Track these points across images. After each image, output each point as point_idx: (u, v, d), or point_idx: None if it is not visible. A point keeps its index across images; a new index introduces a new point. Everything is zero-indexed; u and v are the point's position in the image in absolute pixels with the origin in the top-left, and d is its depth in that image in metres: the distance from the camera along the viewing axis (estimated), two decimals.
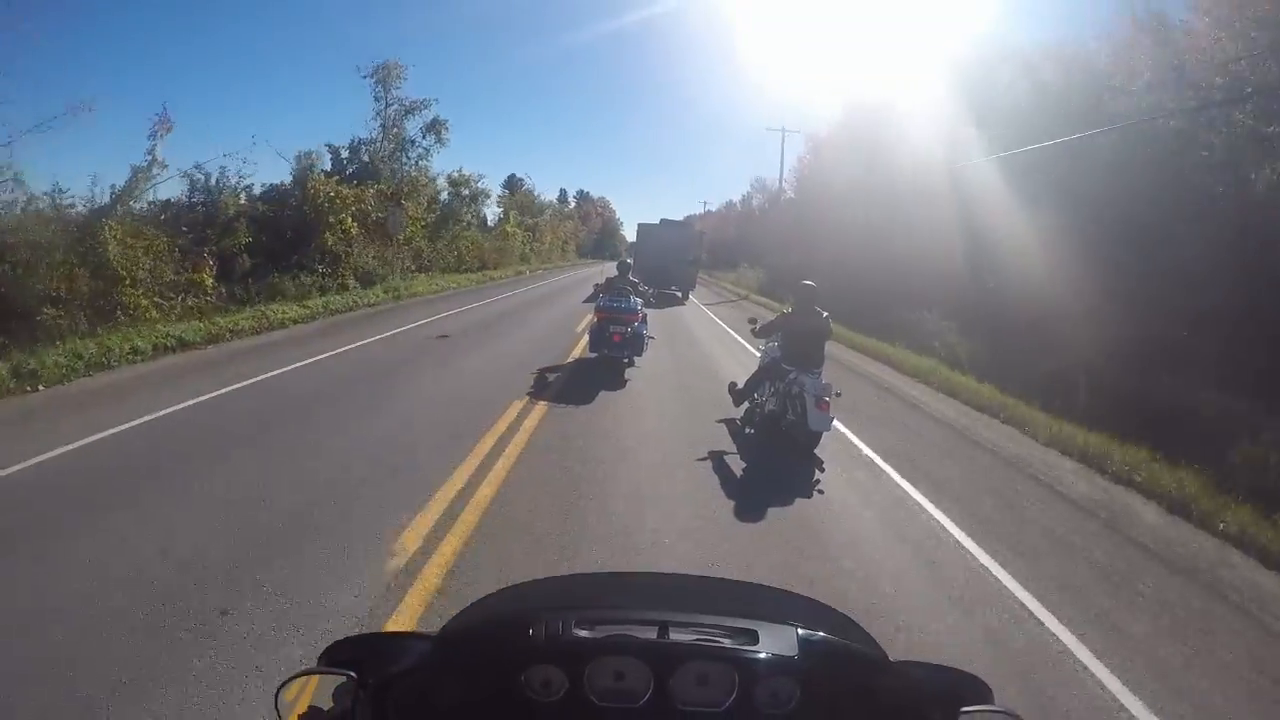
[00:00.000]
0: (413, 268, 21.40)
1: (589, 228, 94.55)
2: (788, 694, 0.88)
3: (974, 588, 3.89)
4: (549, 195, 68.37)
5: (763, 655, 0.88)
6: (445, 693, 0.93)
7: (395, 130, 22.82)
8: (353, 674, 0.90)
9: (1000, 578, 4.00)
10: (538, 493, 4.70)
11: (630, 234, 58.47)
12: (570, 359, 9.77)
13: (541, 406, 6.99)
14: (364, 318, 13.43)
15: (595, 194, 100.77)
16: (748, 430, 6.64)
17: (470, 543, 3.87)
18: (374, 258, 18.14)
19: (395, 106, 22.73)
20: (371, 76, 22.38)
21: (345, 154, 21.77)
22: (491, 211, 54.92)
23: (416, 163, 23.55)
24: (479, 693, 0.91)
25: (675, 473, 5.38)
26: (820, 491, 5.19)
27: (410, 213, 23.34)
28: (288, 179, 17.30)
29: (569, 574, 2.14)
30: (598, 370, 8.72)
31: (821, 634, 0.95)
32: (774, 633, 0.91)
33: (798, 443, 5.86)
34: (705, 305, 22.27)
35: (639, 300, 9.07)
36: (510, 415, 6.56)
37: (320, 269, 16.03)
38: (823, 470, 5.64)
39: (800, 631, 0.92)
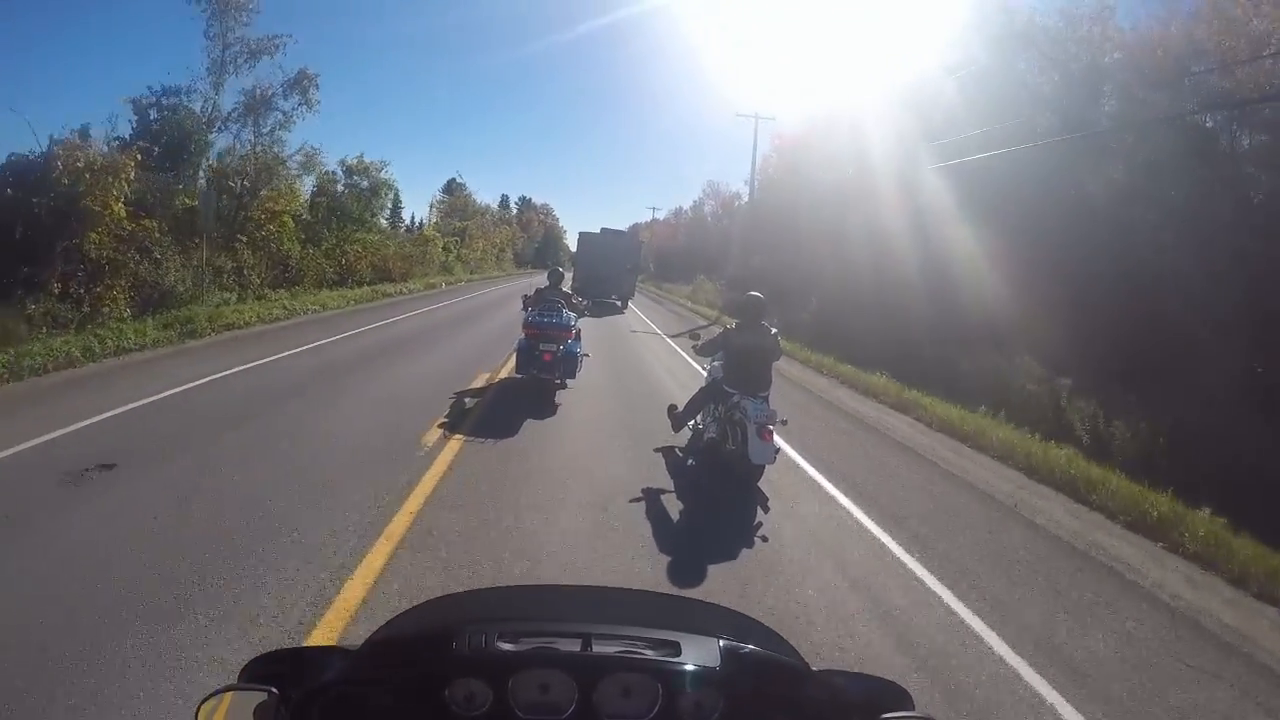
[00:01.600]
0: (263, 282, 15.56)
1: (529, 235, 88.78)
2: (711, 705, 0.89)
3: None
4: (488, 200, 62.40)
5: (686, 666, 0.89)
6: (368, 707, 0.93)
7: (262, 93, 16.87)
8: (274, 689, 0.88)
9: None
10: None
11: (574, 243, 56.15)
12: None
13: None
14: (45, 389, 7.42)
15: (538, 201, 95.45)
16: (689, 461, 6.02)
17: None
18: (181, 269, 12.32)
19: (237, 48, 16.46)
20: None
21: (155, 115, 15.24)
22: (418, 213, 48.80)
23: (272, 133, 17.57)
24: (403, 707, 0.91)
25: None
26: (763, 538, 4.49)
27: (276, 205, 17.60)
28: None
29: (492, 587, 2.24)
30: (523, 394, 7.72)
31: (744, 645, 0.96)
32: (696, 644, 0.92)
33: (737, 474, 5.33)
34: (663, 333, 17.30)
35: (572, 315, 8.08)
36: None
37: (69, 289, 10.33)
38: (766, 510, 5.01)
39: (722, 643, 0.93)
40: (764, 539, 4.47)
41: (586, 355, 8.41)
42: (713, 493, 5.27)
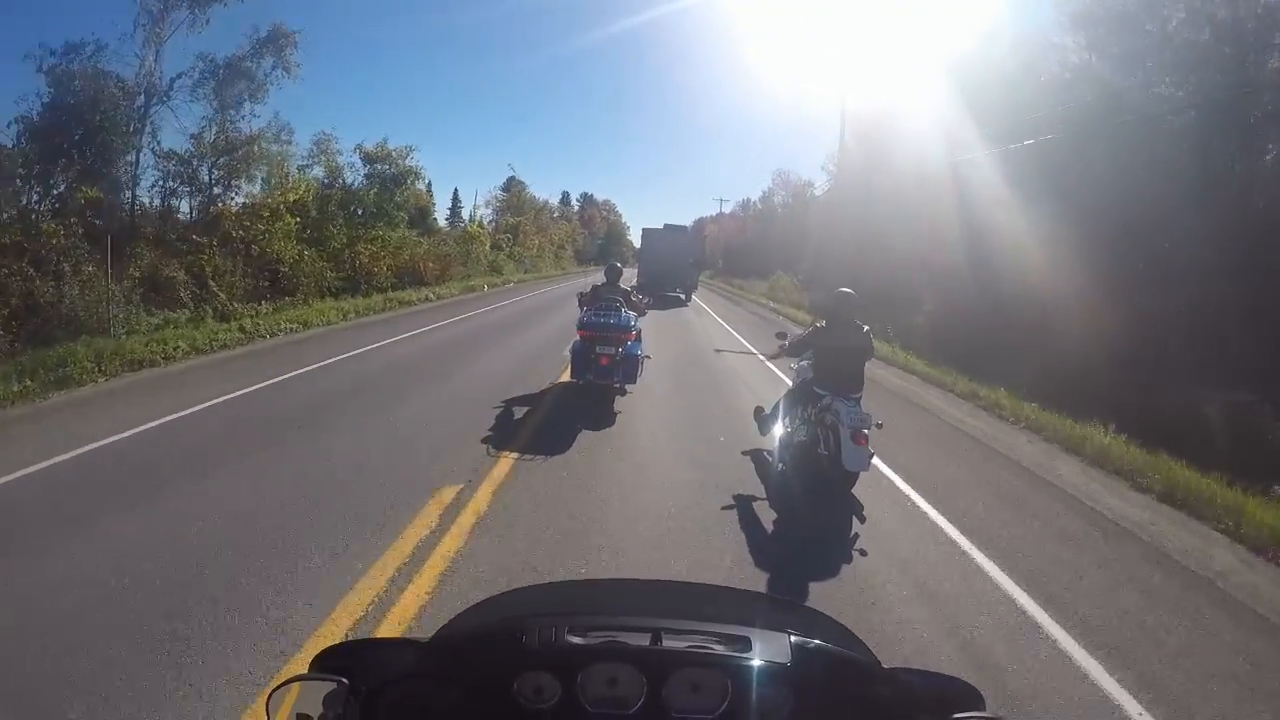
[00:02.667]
0: (234, 296, 12.67)
1: (592, 232, 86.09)
2: (781, 701, 0.89)
3: None
4: (547, 197, 59.74)
5: (756, 662, 0.88)
6: (437, 699, 0.93)
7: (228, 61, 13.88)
8: (344, 680, 0.88)
9: None
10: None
11: (637, 239, 55.32)
12: None
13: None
14: None
15: (600, 197, 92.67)
16: (779, 466, 5.57)
17: None
18: (83, 284, 9.29)
19: None
20: None
21: (80, 85, 11.35)
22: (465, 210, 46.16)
23: (241, 106, 14.42)
24: (471, 699, 0.91)
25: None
26: (862, 552, 4.07)
27: (270, 201, 14.82)
28: None
29: (561, 580, 2.18)
30: (580, 400, 7.08)
31: (815, 641, 0.95)
32: (767, 640, 0.92)
33: (831, 481, 4.99)
34: (758, 353, 12.93)
35: (631, 314, 7.39)
36: None
37: None
38: (863, 520, 4.64)
39: (793, 639, 0.92)
40: (862, 552, 4.08)
41: (648, 357, 7.78)
42: (805, 500, 4.94)
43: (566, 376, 8.02)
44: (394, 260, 20.38)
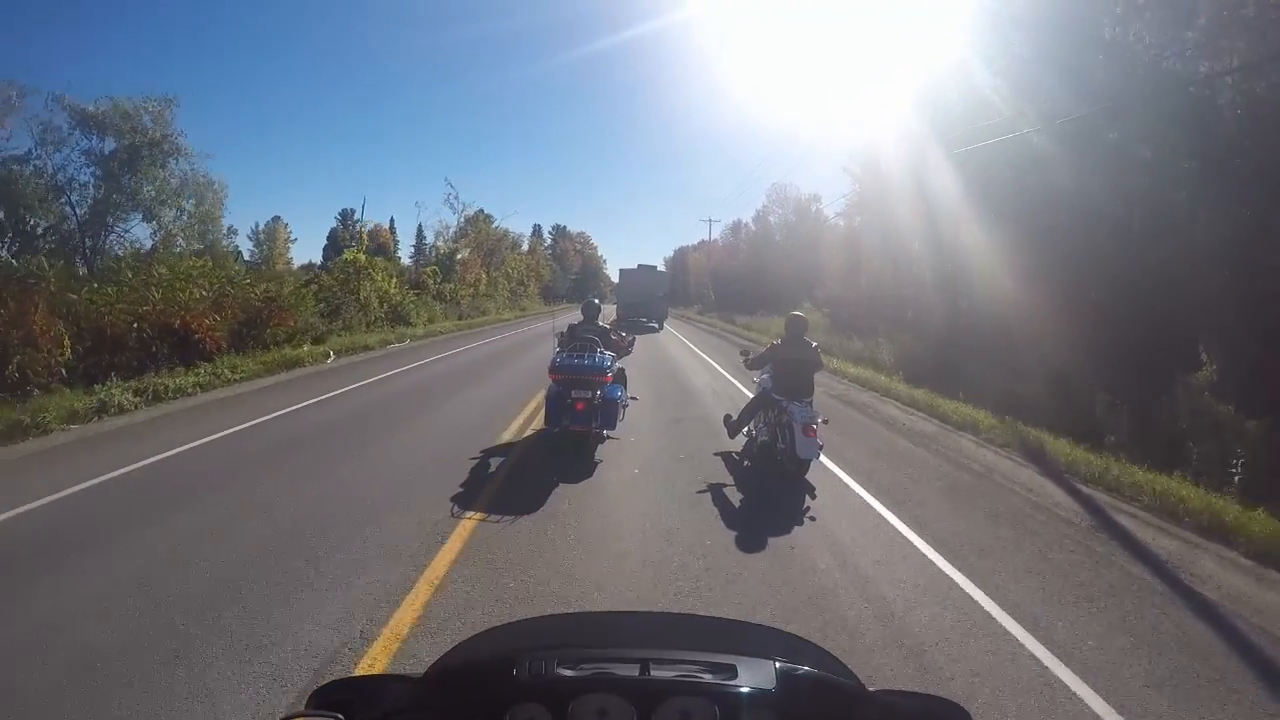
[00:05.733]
0: None
1: (564, 267, 77.24)
2: None
3: None
4: (513, 229, 50.51)
5: (742, 689, 0.90)
6: None
7: None
8: (339, 716, 0.89)
9: None
10: None
11: (614, 275, 52.23)
12: None
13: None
14: None
15: (575, 230, 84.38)
16: (745, 463, 6.57)
17: None
18: None
19: None
20: None
21: None
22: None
23: None
24: None
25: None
26: (811, 518, 5.05)
27: None
28: None
29: (550, 614, 2.13)
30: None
31: (800, 667, 0.97)
32: (753, 667, 0.93)
33: (788, 470, 5.96)
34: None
35: (608, 355, 6.85)
36: None
37: None
38: (814, 497, 5.60)
39: (778, 665, 0.94)
40: (812, 519, 5.03)
41: (633, 399, 7.61)
42: (766, 486, 5.80)
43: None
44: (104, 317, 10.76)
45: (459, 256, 36.25)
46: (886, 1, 25.06)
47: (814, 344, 6.44)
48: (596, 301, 7.78)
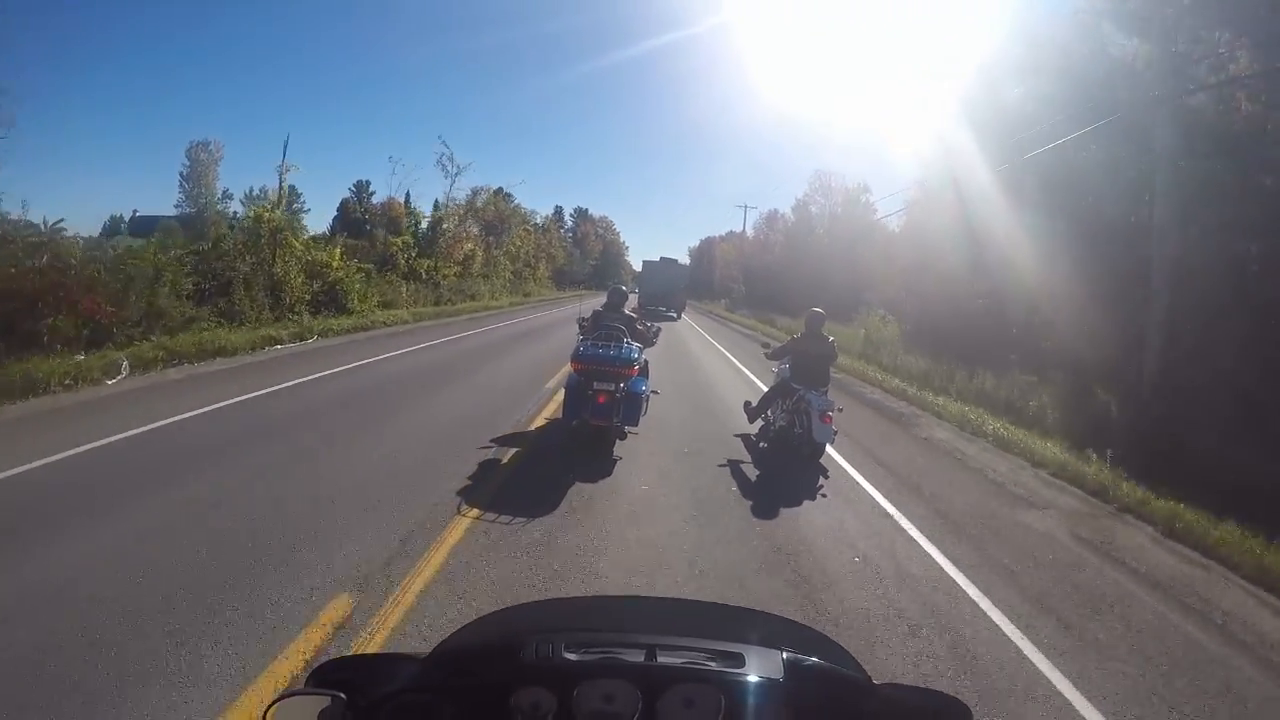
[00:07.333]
0: None
1: (584, 251, 72.14)
2: (774, 717, 0.90)
3: None
4: (538, 210, 45.27)
5: (749, 678, 0.89)
6: (435, 714, 0.92)
7: None
8: (342, 695, 0.87)
9: None
10: None
11: (636, 263, 54.31)
12: None
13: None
14: None
15: (596, 213, 79.22)
16: (762, 445, 7.00)
17: None
18: None
19: None
20: None
21: None
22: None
23: None
24: (468, 714, 0.90)
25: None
26: (824, 495, 5.53)
27: None
28: None
29: (558, 598, 2.03)
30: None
31: (807, 658, 0.96)
32: (760, 656, 0.93)
33: (804, 454, 6.41)
34: None
35: (635, 346, 6.53)
36: None
37: None
38: (827, 477, 6.09)
39: (786, 655, 0.94)
40: (824, 495, 5.57)
41: (655, 393, 7.37)
42: (782, 467, 6.27)
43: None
44: None
45: (444, 226, 31.01)
46: None
47: (831, 338, 7.02)
48: (624, 289, 7.65)
